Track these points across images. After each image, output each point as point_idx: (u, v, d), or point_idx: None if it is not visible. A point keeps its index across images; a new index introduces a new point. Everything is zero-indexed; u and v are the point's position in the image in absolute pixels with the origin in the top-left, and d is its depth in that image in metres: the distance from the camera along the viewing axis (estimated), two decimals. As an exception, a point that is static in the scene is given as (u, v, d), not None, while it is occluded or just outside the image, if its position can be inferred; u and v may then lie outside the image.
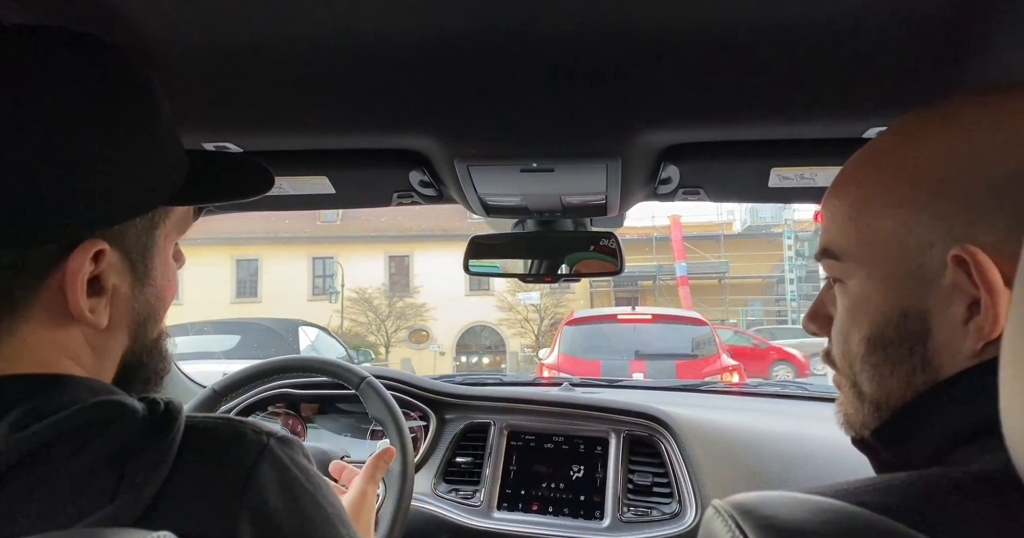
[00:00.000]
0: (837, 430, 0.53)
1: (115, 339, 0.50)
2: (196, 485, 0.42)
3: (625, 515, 1.27)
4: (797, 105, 0.80)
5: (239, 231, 18.36)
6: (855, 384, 0.49)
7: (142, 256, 0.49)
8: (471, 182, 0.97)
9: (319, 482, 0.48)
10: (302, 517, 0.45)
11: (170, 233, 0.53)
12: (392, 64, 0.71)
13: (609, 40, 0.66)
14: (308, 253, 20.48)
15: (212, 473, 0.43)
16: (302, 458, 0.48)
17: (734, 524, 0.36)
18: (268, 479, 0.44)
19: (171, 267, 0.54)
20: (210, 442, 0.45)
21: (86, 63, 0.46)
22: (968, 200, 0.40)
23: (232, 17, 0.63)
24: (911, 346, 0.44)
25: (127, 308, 0.49)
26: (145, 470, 0.40)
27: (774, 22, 0.63)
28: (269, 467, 0.45)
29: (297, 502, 0.45)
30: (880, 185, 0.46)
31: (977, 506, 0.35)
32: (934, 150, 0.43)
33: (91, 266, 0.45)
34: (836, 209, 0.49)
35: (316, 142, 0.93)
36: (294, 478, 0.46)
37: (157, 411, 0.45)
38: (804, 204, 8.02)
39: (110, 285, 0.47)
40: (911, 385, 0.45)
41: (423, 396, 1.51)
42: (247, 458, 0.44)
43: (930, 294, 0.43)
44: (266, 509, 0.43)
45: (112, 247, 0.46)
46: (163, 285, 0.53)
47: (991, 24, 0.62)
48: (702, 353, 6.31)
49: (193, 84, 0.75)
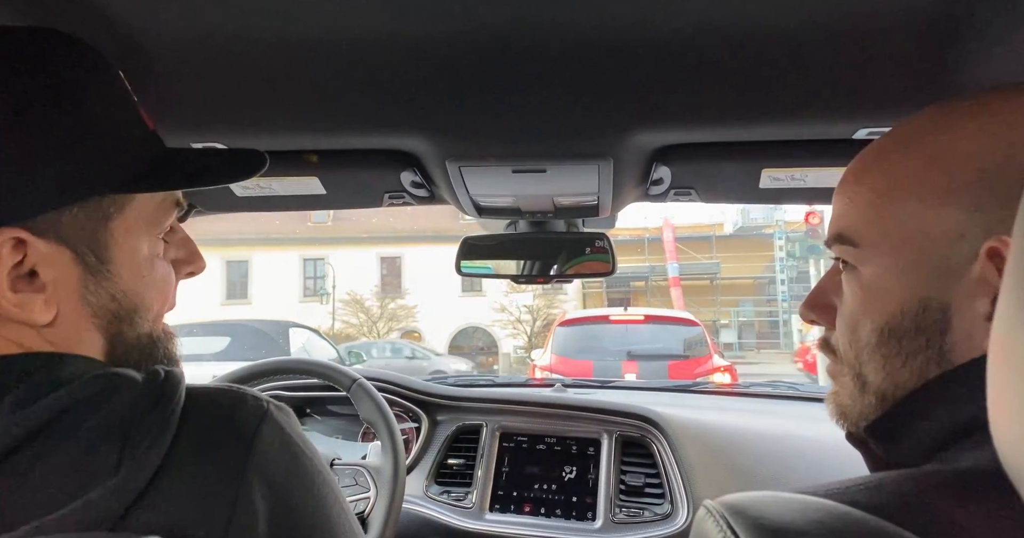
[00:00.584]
0: (829, 430, 0.52)
1: (75, 337, 0.47)
2: (201, 450, 0.42)
3: (617, 516, 1.27)
4: (787, 106, 0.80)
5: (229, 232, 18.26)
6: (859, 374, 0.48)
7: (91, 248, 0.47)
8: (463, 183, 0.97)
9: (313, 448, 0.49)
10: (304, 478, 0.46)
11: (133, 226, 0.49)
12: (383, 64, 0.71)
13: (600, 41, 0.66)
14: (299, 254, 20.42)
15: (217, 436, 0.43)
16: (298, 426, 0.49)
17: (725, 524, 0.36)
18: (271, 441, 0.45)
19: (146, 262, 0.51)
20: (212, 408, 0.45)
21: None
22: (1007, 193, 0.40)
23: (220, 15, 0.62)
24: (928, 338, 0.43)
25: (83, 304, 0.47)
26: (148, 440, 0.40)
27: (765, 24, 0.63)
28: (270, 430, 0.45)
29: (299, 464, 0.46)
30: (910, 174, 0.45)
31: (966, 504, 0.35)
32: (972, 141, 0.42)
33: (14, 257, 0.43)
34: (857, 195, 0.48)
35: (306, 142, 0.93)
36: (294, 443, 0.47)
37: (157, 381, 0.44)
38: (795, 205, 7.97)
39: (48, 278, 0.45)
40: (923, 378, 0.44)
41: (415, 398, 1.50)
42: (251, 421, 0.45)
43: (954, 287, 0.42)
44: (272, 470, 0.43)
45: (43, 238, 0.44)
46: (132, 280, 0.50)
47: (980, 25, 0.62)
48: (694, 354, 6.32)
49: (180, 83, 0.74)
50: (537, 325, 18.52)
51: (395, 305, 19.53)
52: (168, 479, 0.40)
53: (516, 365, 17.64)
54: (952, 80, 0.70)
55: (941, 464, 0.41)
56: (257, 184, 1.01)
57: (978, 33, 0.63)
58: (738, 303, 20.28)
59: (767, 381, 1.98)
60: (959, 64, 0.68)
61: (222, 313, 16.88)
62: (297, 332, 8.29)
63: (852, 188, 0.49)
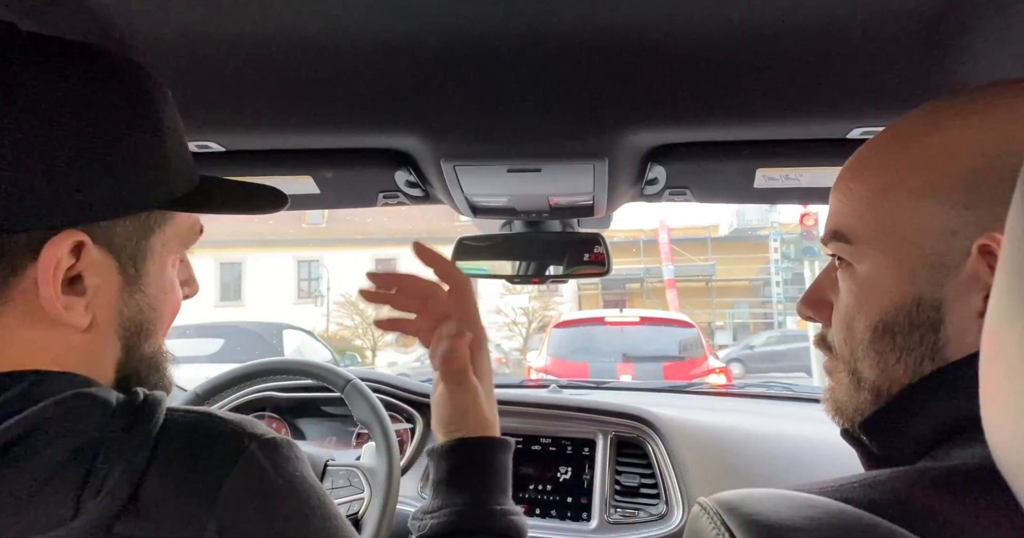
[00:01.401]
0: (823, 430, 0.53)
1: (103, 345, 0.48)
2: (168, 489, 0.40)
3: (612, 516, 1.27)
4: (781, 106, 0.80)
5: (223, 234, 18.19)
6: (854, 371, 0.48)
7: (133, 259, 0.48)
8: (457, 182, 0.97)
9: (308, 490, 0.44)
10: (279, 524, 0.42)
11: (169, 242, 0.51)
12: (377, 63, 0.71)
13: (594, 41, 0.66)
14: (293, 256, 20.36)
15: (183, 479, 0.41)
16: (291, 463, 0.45)
17: (719, 521, 0.36)
18: (242, 490, 0.41)
19: (169, 280, 0.53)
20: (185, 441, 0.42)
21: (84, 68, 0.45)
22: (997, 190, 0.40)
23: (214, 13, 0.62)
24: (921, 335, 0.44)
25: (115, 312, 0.48)
26: (114, 474, 0.39)
27: (759, 24, 0.63)
28: (246, 476, 0.42)
29: (276, 517, 0.42)
30: (905, 171, 0.45)
31: (959, 501, 0.35)
32: (963, 139, 0.43)
33: (70, 260, 0.43)
34: (852, 192, 0.48)
35: (300, 141, 0.93)
36: (276, 490, 0.43)
37: (135, 403, 0.43)
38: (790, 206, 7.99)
39: (92, 284, 0.45)
40: (917, 374, 0.44)
41: (409, 398, 1.50)
42: (225, 461, 0.41)
43: (947, 283, 0.42)
44: (237, 521, 0.40)
45: (96, 243, 0.45)
46: (157, 295, 0.51)
47: (972, 24, 0.63)
48: (689, 355, 6.34)
49: (174, 81, 0.74)
50: (533, 327, 18.52)
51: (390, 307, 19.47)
52: (128, 522, 0.38)
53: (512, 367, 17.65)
54: (944, 79, 0.71)
55: (934, 461, 0.41)
56: None
57: (968, 32, 0.63)
58: (733, 305, 20.33)
59: (762, 381, 1.99)
60: (950, 63, 0.69)
61: (216, 315, 16.80)
62: (291, 334, 8.27)
63: (847, 186, 0.49)
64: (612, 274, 1.22)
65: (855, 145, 0.87)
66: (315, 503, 0.44)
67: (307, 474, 0.46)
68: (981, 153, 0.42)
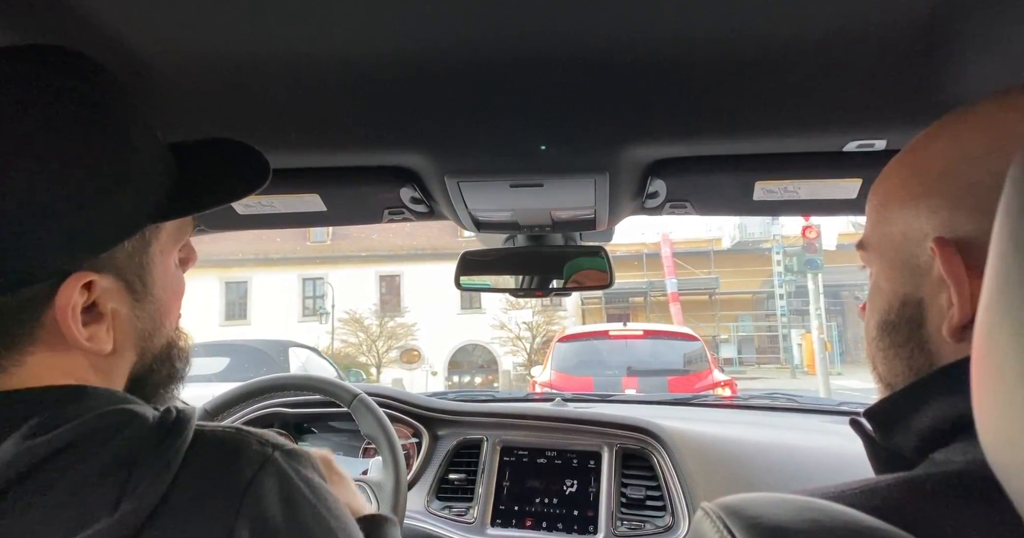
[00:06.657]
0: (828, 441, 0.55)
1: (122, 359, 0.50)
2: (197, 493, 0.42)
3: (619, 529, 1.27)
4: (779, 121, 0.81)
5: (228, 253, 18.27)
6: (874, 366, 0.52)
7: (138, 275, 0.49)
8: (461, 198, 0.98)
9: (325, 495, 0.47)
10: (302, 529, 0.44)
11: (166, 246, 0.53)
12: (382, 82, 0.73)
13: (594, 58, 0.68)
14: (298, 274, 20.39)
15: (213, 481, 0.43)
16: (309, 471, 0.48)
17: (722, 525, 0.36)
18: (268, 490, 0.44)
19: (173, 276, 0.54)
20: (214, 451, 0.45)
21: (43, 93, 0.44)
22: (956, 194, 0.43)
23: (221, 35, 0.63)
24: (909, 331, 0.47)
25: (131, 328, 0.50)
26: (148, 478, 0.41)
27: (756, 42, 0.65)
28: (270, 478, 0.44)
29: (297, 514, 0.45)
30: (897, 181, 0.49)
31: (960, 506, 0.36)
32: (939, 148, 0.46)
33: (83, 296, 0.45)
34: (869, 204, 0.53)
35: (307, 160, 0.94)
36: (297, 490, 0.45)
37: (168, 419, 0.45)
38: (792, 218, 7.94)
39: (108, 310, 0.47)
40: (912, 368, 0.47)
41: (415, 413, 1.50)
42: (249, 468, 0.44)
43: (924, 283, 0.45)
44: (264, 519, 0.43)
45: (102, 274, 0.46)
46: (166, 297, 0.53)
47: (966, 39, 0.64)
48: (694, 368, 6.29)
49: (180, 101, 0.76)
50: (537, 342, 18.45)
51: (394, 323, 19.45)
52: (164, 519, 0.41)
53: (516, 382, 17.55)
54: (937, 92, 0.72)
55: (934, 467, 0.41)
56: (259, 202, 1.02)
57: (958, 45, 0.65)
58: (737, 318, 20.26)
59: (766, 393, 1.98)
60: (942, 77, 0.70)
61: (221, 334, 16.80)
62: (297, 351, 8.24)
63: (869, 198, 0.54)
64: (616, 288, 1.24)
65: (851, 158, 0.89)
66: (331, 505, 0.47)
67: (323, 482, 0.49)
68: (946, 160, 0.45)
